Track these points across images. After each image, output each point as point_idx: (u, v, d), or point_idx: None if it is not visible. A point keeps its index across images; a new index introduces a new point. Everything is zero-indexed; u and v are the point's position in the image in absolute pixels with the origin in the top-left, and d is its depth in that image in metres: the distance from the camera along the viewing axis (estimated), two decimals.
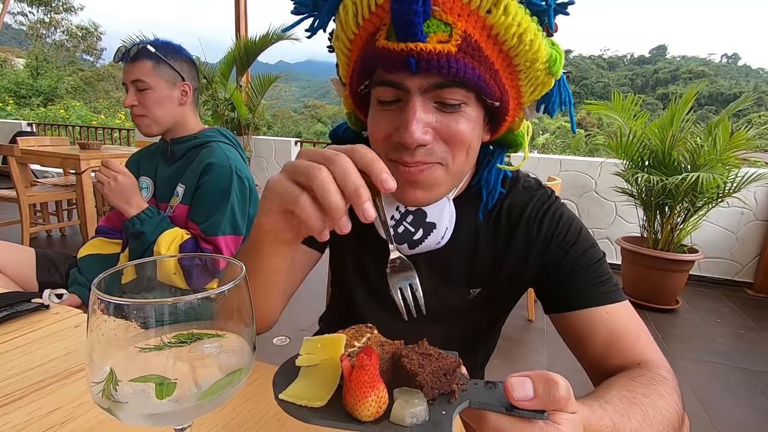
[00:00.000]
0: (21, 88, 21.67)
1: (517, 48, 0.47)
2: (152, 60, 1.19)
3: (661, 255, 2.84)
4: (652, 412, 0.45)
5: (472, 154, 0.54)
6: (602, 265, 0.61)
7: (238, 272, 0.36)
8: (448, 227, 0.58)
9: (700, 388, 2.02)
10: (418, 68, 0.45)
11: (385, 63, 0.47)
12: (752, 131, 2.75)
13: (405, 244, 0.59)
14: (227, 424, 0.48)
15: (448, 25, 0.45)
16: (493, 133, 0.58)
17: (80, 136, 7.06)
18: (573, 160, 3.86)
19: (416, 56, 0.44)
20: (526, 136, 0.59)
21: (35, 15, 33.78)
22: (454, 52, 0.45)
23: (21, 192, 2.99)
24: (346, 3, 0.49)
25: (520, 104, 0.55)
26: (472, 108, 0.51)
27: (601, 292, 0.58)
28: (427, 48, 0.44)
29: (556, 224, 0.61)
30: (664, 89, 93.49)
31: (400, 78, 0.48)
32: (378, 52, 0.47)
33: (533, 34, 0.47)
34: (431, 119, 0.49)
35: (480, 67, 0.47)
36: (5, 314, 0.68)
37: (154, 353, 0.33)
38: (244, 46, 4.71)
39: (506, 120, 0.55)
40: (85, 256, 1.31)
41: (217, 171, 1.20)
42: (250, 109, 4.94)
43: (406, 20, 0.43)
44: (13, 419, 0.47)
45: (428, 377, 0.30)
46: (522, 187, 0.65)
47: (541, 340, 2.40)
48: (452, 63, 0.45)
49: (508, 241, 0.62)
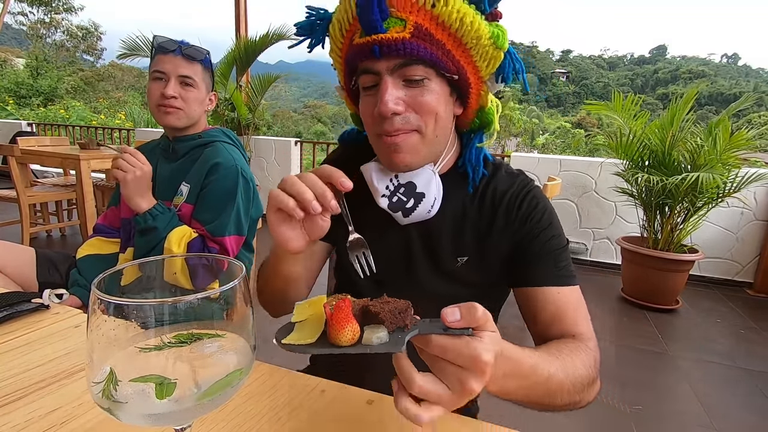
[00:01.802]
0: (21, 88, 21.66)
1: (461, 29, 0.60)
2: (202, 64, 1.27)
3: (661, 255, 2.84)
4: (569, 367, 0.56)
5: (441, 122, 0.65)
6: (564, 251, 0.71)
7: (237, 273, 0.36)
8: (437, 197, 0.69)
9: (700, 388, 2.02)
10: (381, 53, 0.60)
11: (359, 54, 0.62)
12: (752, 131, 2.75)
13: (399, 212, 0.69)
14: (227, 424, 0.48)
15: (403, 20, 0.59)
16: (465, 107, 0.69)
17: (80, 136, 7.07)
18: (573, 160, 3.86)
19: (378, 44, 0.59)
20: (496, 113, 0.71)
21: (35, 15, 33.78)
22: (408, 37, 0.58)
23: (21, 192, 2.99)
24: (334, 22, 0.66)
25: (480, 78, 0.66)
26: (435, 83, 0.63)
27: (557, 275, 0.68)
28: (386, 37, 0.58)
29: (533, 209, 0.71)
30: (664, 89, 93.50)
31: (372, 64, 0.62)
32: (354, 47, 0.63)
33: (471, 17, 0.60)
34: (401, 93, 0.62)
35: (432, 47, 0.60)
36: (5, 314, 0.68)
37: (154, 353, 0.33)
38: (244, 46, 4.71)
39: (471, 91, 0.66)
40: (85, 256, 1.30)
41: (223, 171, 1.21)
42: (250, 109, 4.94)
43: (367, 20, 0.59)
44: (13, 419, 0.47)
45: (387, 315, 0.40)
46: (505, 172, 0.75)
47: None
48: (407, 45, 0.58)
49: (491, 218, 0.72)
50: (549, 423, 1.71)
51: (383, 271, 0.64)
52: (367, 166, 0.71)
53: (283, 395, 0.55)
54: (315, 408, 0.53)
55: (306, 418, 0.51)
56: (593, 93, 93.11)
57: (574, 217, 3.82)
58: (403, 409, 0.40)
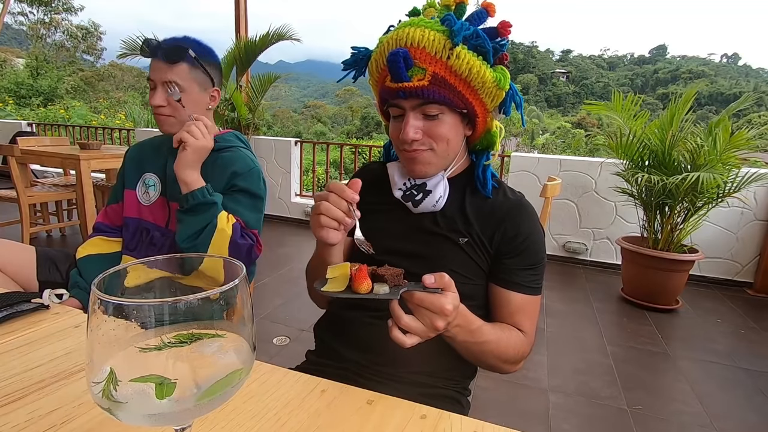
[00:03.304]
0: (21, 88, 21.65)
1: (470, 76, 0.75)
2: (188, 62, 1.18)
3: (661, 255, 2.84)
4: (503, 343, 0.77)
5: (452, 144, 0.82)
6: (538, 269, 0.85)
7: (237, 273, 0.36)
8: (442, 196, 0.85)
9: (700, 388, 2.02)
10: (407, 96, 0.76)
11: (389, 94, 0.79)
12: (752, 131, 2.75)
13: (410, 203, 0.86)
14: (227, 424, 0.48)
15: (423, 69, 0.74)
16: (474, 130, 0.85)
17: (80, 136, 7.07)
18: (573, 160, 3.86)
19: (404, 90, 0.76)
20: (499, 136, 0.87)
21: (35, 15, 33.73)
22: (427, 84, 0.74)
23: (21, 192, 2.99)
24: (371, 61, 0.82)
25: (486, 110, 0.82)
26: (448, 116, 0.79)
27: (526, 286, 0.84)
28: (410, 85, 0.75)
29: (526, 232, 0.84)
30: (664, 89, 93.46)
31: (399, 102, 0.79)
32: (386, 89, 0.79)
33: (478, 67, 0.75)
34: (420, 124, 0.79)
35: (446, 91, 0.76)
36: (5, 314, 0.68)
37: (154, 353, 0.33)
38: (244, 46, 4.71)
39: (478, 119, 0.82)
40: (86, 256, 1.29)
41: (249, 174, 1.22)
42: (250, 109, 4.94)
43: (395, 70, 0.74)
44: (13, 419, 0.47)
45: (389, 276, 0.60)
46: (509, 194, 0.90)
47: (541, 340, 2.41)
48: (425, 92, 0.75)
49: (491, 224, 0.86)
50: (549, 423, 1.71)
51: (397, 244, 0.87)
52: (392, 164, 0.91)
53: (283, 395, 0.55)
54: (315, 408, 0.53)
55: (306, 418, 0.51)
56: (593, 93, 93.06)
57: (574, 217, 3.82)
58: (395, 336, 0.61)
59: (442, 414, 0.54)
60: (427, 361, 0.82)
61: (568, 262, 3.81)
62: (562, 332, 2.55)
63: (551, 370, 2.13)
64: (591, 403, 1.88)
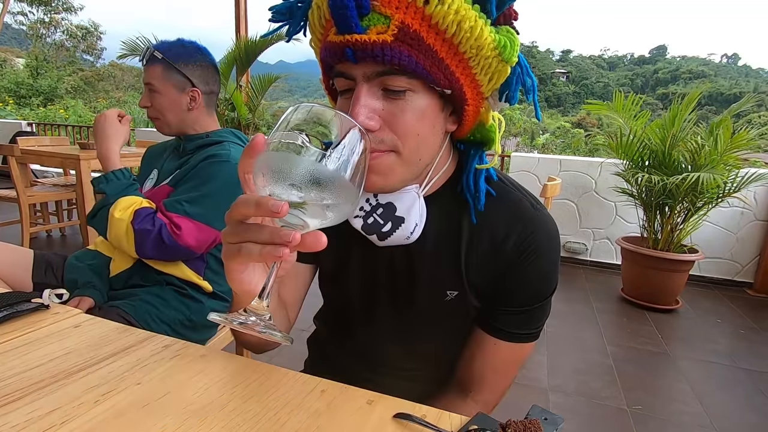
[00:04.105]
0: (21, 88, 21.67)
1: (459, 35, 0.48)
2: (162, 65, 1.18)
3: (661, 255, 2.84)
4: None
5: (426, 142, 0.55)
6: (544, 309, 0.65)
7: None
8: (418, 223, 0.60)
9: (700, 388, 2.02)
10: (356, 57, 0.49)
11: (330, 54, 0.52)
12: (753, 131, 2.75)
13: (374, 235, 0.61)
14: (227, 423, 0.48)
15: (387, 18, 0.47)
16: (460, 124, 0.58)
17: (80, 136, 7.06)
18: (573, 160, 3.86)
19: (353, 46, 0.48)
20: (498, 131, 0.59)
21: (35, 15, 33.73)
22: (390, 41, 0.47)
23: (21, 192, 2.99)
24: (313, 8, 0.53)
25: (480, 94, 0.55)
26: (420, 96, 0.52)
27: (520, 335, 0.64)
28: (362, 38, 0.47)
29: (530, 267, 0.61)
30: (664, 89, 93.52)
31: (346, 68, 0.52)
32: (326, 45, 0.52)
33: (473, 20, 0.48)
34: (377, 105, 0.52)
35: (419, 54, 0.48)
36: (5, 314, 0.68)
37: None
38: (244, 46, 4.71)
39: (467, 107, 0.55)
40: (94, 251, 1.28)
41: (212, 161, 1.17)
42: (250, 109, 4.94)
43: (341, 14, 0.47)
44: (13, 419, 0.47)
45: None
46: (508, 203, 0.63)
47: (541, 340, 2.41)
48: (387, 51, 0.47)
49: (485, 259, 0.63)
50: None
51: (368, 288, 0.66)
52: None
53: (283, 395, 0.55)
54: (315, 408, 0.53)
55: (306, 418, 0.51)
56: (593, 93, 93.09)
57: (574, 217, 3.82)
58: None
59: (443, 414, 0.54)
60: (428, 363, 0.76)
61: (568, 262, 3.81)
62: (562, 332, 2.55)
63: (551, 370, 2.13)
64: (591, 403, 1.88)
